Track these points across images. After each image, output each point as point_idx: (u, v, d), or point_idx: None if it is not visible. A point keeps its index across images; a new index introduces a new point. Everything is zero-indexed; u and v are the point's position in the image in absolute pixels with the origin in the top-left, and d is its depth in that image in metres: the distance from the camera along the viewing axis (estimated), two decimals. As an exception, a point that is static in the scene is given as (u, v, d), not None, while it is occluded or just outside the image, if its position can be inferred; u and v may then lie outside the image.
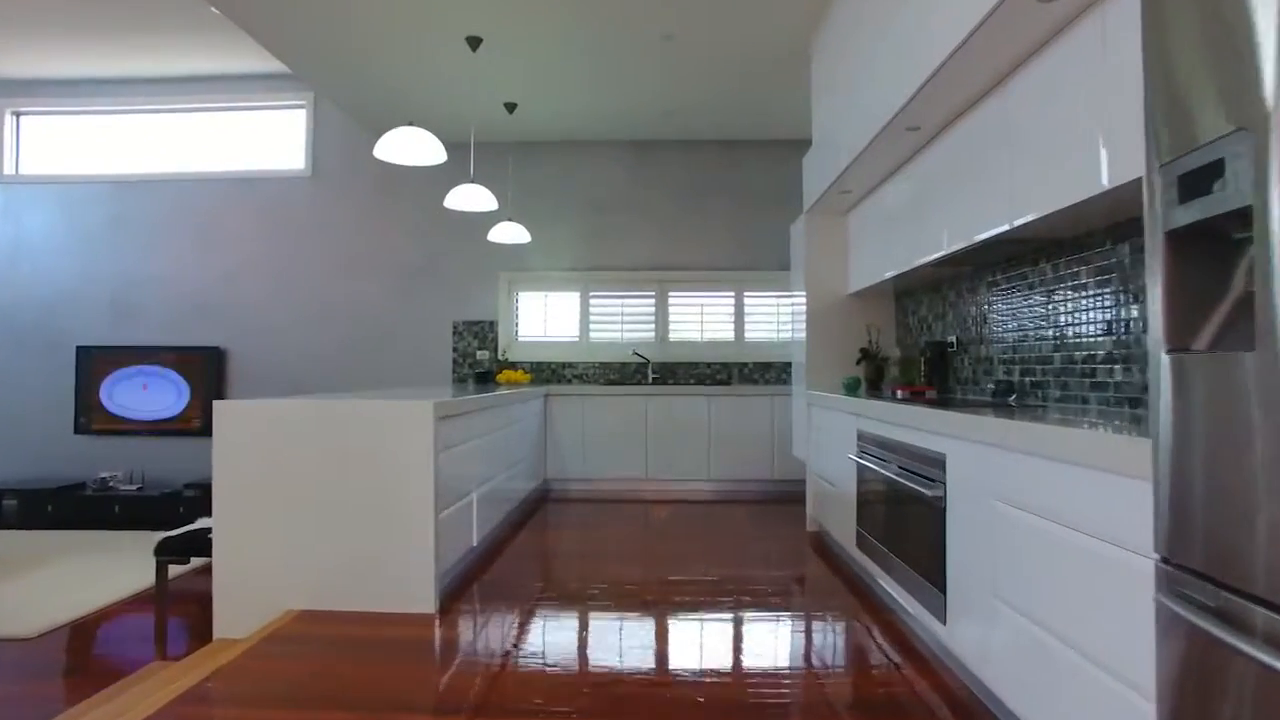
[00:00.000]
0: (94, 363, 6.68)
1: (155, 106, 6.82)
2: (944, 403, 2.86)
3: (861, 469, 3.26)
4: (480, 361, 6.59)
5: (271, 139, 6.81)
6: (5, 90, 6.86)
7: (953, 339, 3.64)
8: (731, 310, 6.58)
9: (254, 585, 2.93)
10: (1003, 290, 3.17)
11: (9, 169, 6.92)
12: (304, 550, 2.93)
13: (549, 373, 6.56)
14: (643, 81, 5.30)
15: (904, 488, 2.66)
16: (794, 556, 3.89)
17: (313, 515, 2.94)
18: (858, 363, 4.49)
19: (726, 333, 6.58)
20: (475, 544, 3.69)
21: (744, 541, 4.21)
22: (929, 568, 2.43)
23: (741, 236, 6.56)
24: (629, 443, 5.89)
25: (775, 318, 6.57)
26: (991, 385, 2.96)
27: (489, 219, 6.49)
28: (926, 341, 3.88)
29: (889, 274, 3.70)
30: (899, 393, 3.56)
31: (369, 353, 6.63)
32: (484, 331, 6.61)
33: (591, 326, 6.61)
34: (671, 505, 5.41)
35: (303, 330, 6.67)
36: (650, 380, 6.41)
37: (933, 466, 2.42)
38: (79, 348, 6.68)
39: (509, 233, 5.61)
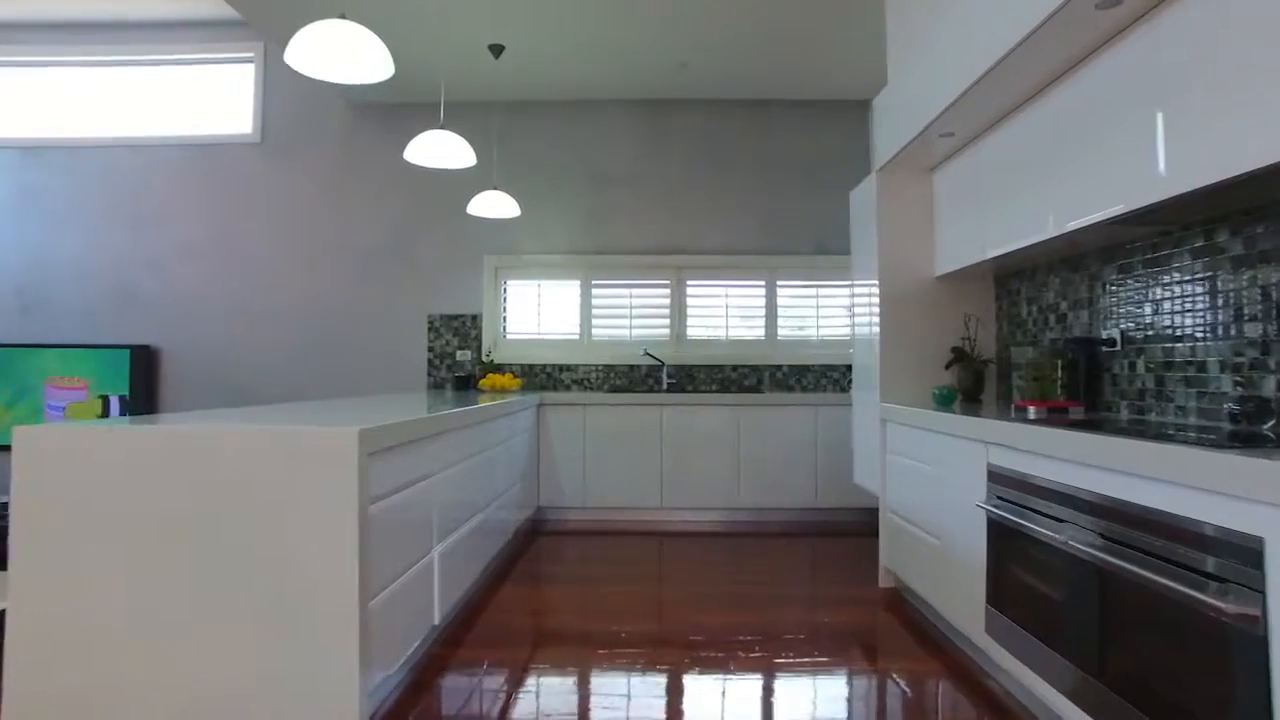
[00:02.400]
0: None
1: (73, 58, 5.73)
2: (1116, 428, 1.80)
3: (1001, 525, 2.20)
4: (460, 364, 5.51)
5: (214, 99, 5.72)
6: (-99, 42, 5.76)
7: (1114, 334, 2.57)
8: (762, 302, 5.51)
9: (72, 720, 1.85)
10: (1218, 260, 2.11)
11: (-94, 136, 5.82)
12: (151, 667, 1.86)
13: (543, 377, 5.49)
14: (654, 23, 4.24)
15: (1134, 579, 1.60)
16: (864, 626, 2.83)
17: (166, 610, 1.87)
18: (947, 366, 3.43)
19: (756, 329, 5.51)
20: (438, 621, 2.62)
21: (791, 594, 3.15)
22: (1211, 734, 1.36)
23: (773, 214, 5.49)
24: (639, 463, 4.82)
25: (815, 311, 5.50)
26: (1232, 405, 1.91)
27: (467, 187, 5.41)
28: (1066, 340, 2.81)
29: (1018, 245, 2.63)
30: (1031, 410, 2.50)
31: (328, 353, 5.55)
32: (465, 328, 5.53)
33: (594, 322, 5.54)
34: (692, 540, 4.35)
35: (249, 326, 5.58)
36: (665, 386, 5.34)
37: (1219, 554, 1.36)
38: (-16, 346, 5.58)
39: (493, 205, 4.54)
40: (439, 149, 3.36)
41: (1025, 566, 2.07)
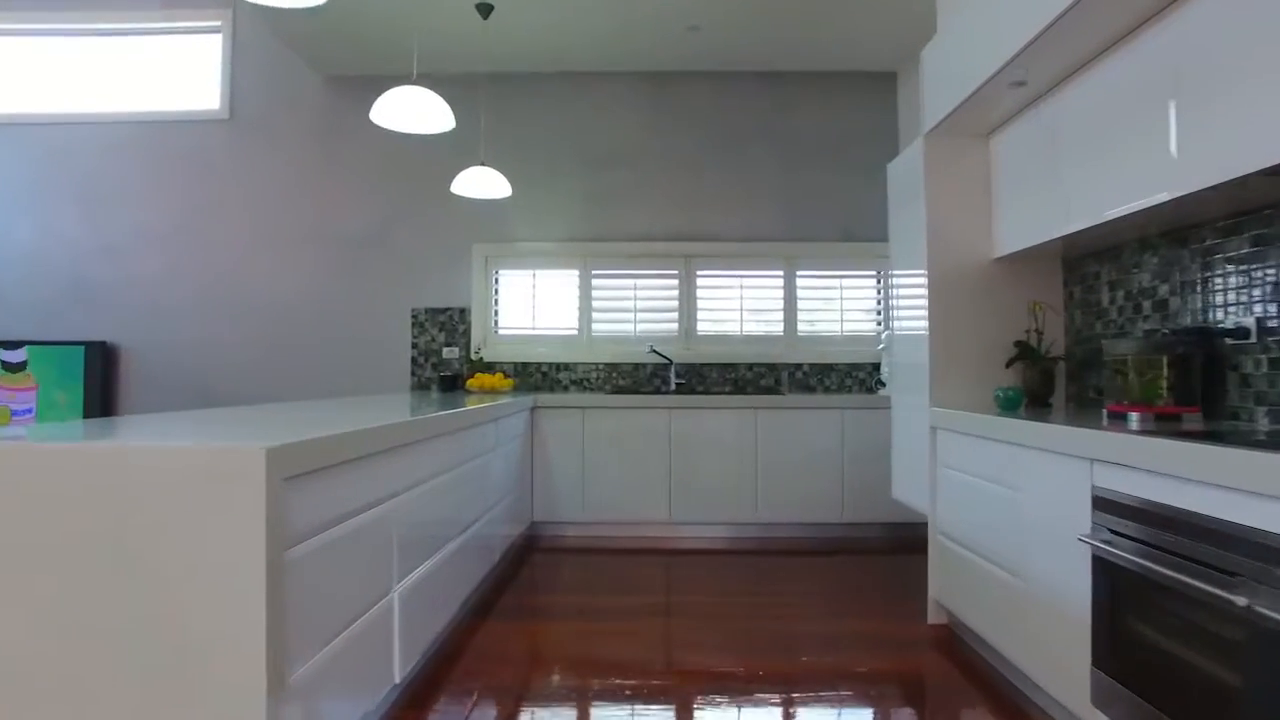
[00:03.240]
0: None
1: (22, 26, 5.23)
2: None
3: (1117, 568, 1.69)
4: (447, 362, 5.01)
5: (178, 72, 5.21)
6: None
7: (1246, 323, 2.05)
8: (780, 294, 5.00)
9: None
10: None
11: None
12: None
13: (538, 377, 4.98)
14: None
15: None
16: (914, 675, 2.32)
17: (22, 674, 1.36)
18: (1008, 364, 2.91)
19: (773, 324, 4.99)
20: (399, 678, 2.11)
21: (821, 632, 2.65)
22: None
23: (792, 198, 4.98)
24: (644, 472, 4.32)
25: (838, 304, 4.99)
26: None
27: (454, 168, 4.87)
28: (1174, 331, 2.30)
29: (1126, 209, 2.12)
30: (1134, 417, 1.99)
31: (303, 351, 5.05)
32: (453, 323, 5.02)
33: (595, 316, 5.03)
34: (703, 560, 3.84)
35: (217, 321, 5.08)
36: (673, 387, 4.83)
37: None
38: (-72, 343, 5.08)
39: (481, 183, 4.03)
40: (410, 108, 2.85)
41: (1161, 626, 1.56)
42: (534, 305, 5.07)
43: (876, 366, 4.86)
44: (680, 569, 3.74)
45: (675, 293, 4.99)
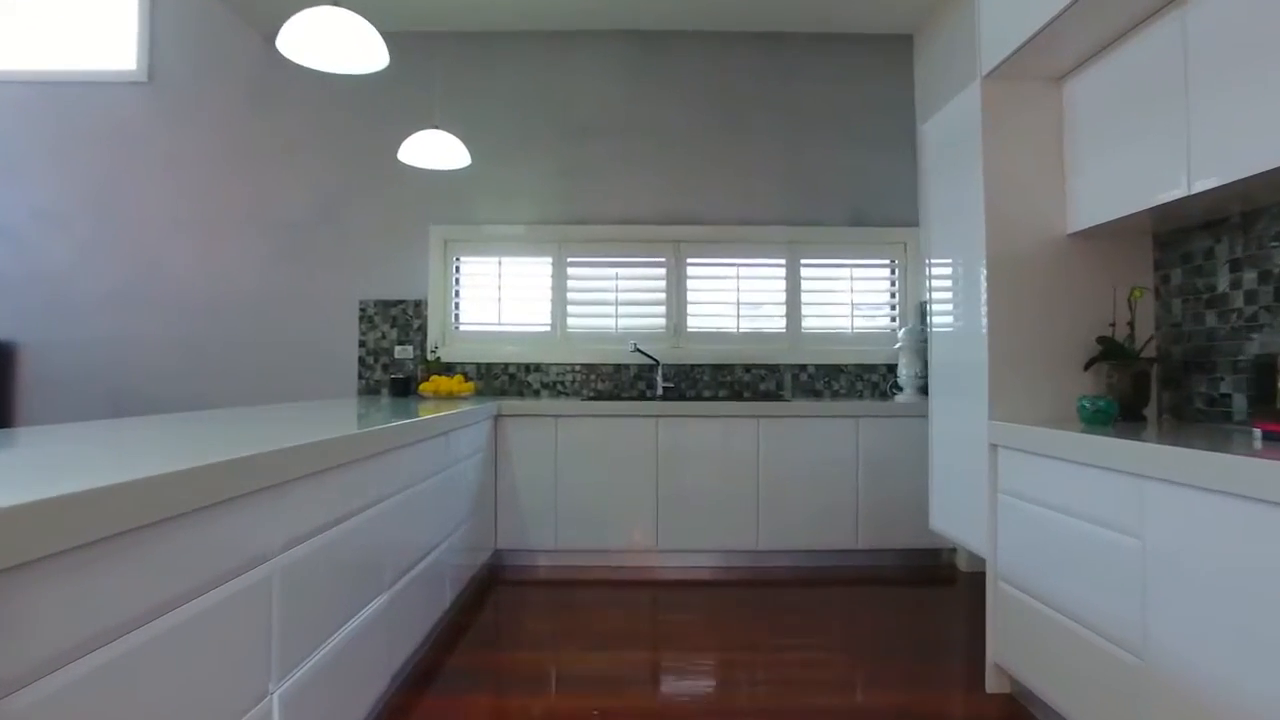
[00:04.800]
0: None
1: (-88, -23, 4.50)
2: None
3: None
4: (400, 363, 4.35)
5: (86, 26, 4.51)
6: None
7: None
8: (782, 285, 4.39)
9: None
10: None
11: None
12: None
13: (505, 380, 4.34)
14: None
15: None
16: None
17: None
18: (1088, 366, 2.32)
19: (774, 319, 4.38)
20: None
21: (848, 707, 2.05)
22: None
23: (795, 175, 4.37)
24: (628, 491, 3.69)
25: (848, 296, 4.39)
26: None
27: (403, 137, 4.17)
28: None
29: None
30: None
31: (236, 350, 4.37)
32: (406, 317, 4.36)
33: (570, 310, 4.39)
34: (695, 593, 3.23)
35: (135, 315, 4.38)
36: (660, 392, 4.21)
37: None
38: None
39: (434, 150, 3.39)
40: (330, 35, 2.19)
41: None
42: (500, 297, 4.42)
43: (892, 368, 4.27)
44: (669, 605, 3.11)
45: (663, 283, 4.37)
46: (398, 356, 4.34)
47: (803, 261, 4.37)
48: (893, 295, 4.38)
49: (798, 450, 3.68)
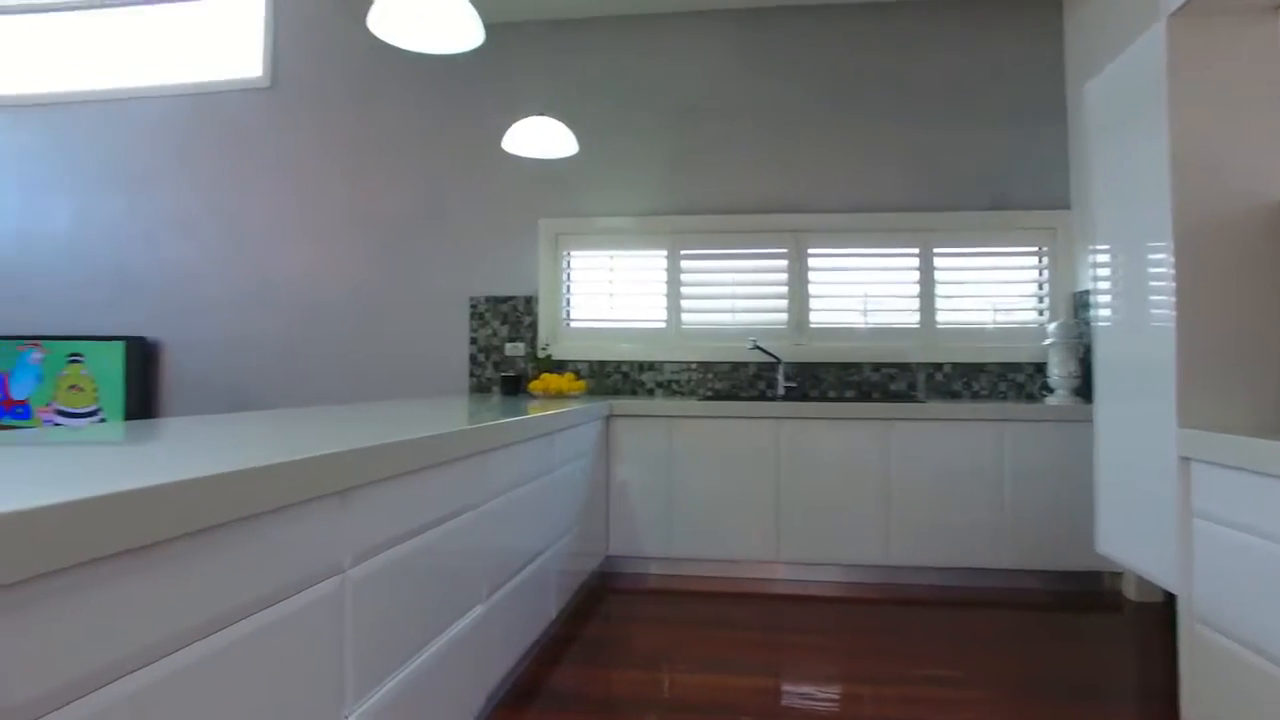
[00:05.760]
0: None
1: (60, 1, 4.80)
2: None
3: None
4: (511, 360, 4.27)
5: (220, 40, 4.67)
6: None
7: None
8: (914, 277, 4.03)
9: None
10: None
11: (-98, 101, 5.05)
12: None
13: (617, 379, 4.18)
14: None
15: None
16: None
17: None
18: (1306, 362, 1.91)
19: (906, 314, 4.03)
20: None
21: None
22: None
23: (927, 157, 4.01)
24: (747, 497, 3.45)
25: (989, 288, 3.98)
26: None
27: (501, 118, 4.03)
28: None
29: None
30: None
31: (350, 346, 4.41)
32: (517, 314, 4.28)
33: (684, 305, 4.19)
34: (819, 610, 2.95)
35: (256, 315, 4.50)
36: (781, 392, 3.94)
37: None
38: (-30, 340, 4.72)
39: (541, 137, 3.27)
40: (421, 10, 2.07)
41: None
42: (612, 292, 4.27)
43: (1040, 367, 3.84)
44: (791, 625, 2.85)
45: (783, 275, 4.10)
46: (508, 354, 4.26)
47: (936, 250, 3.99)
48: (1040, 286, 3.95)
49: (933, 456, 3.34)
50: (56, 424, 4.62)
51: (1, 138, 4.81)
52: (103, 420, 4.56)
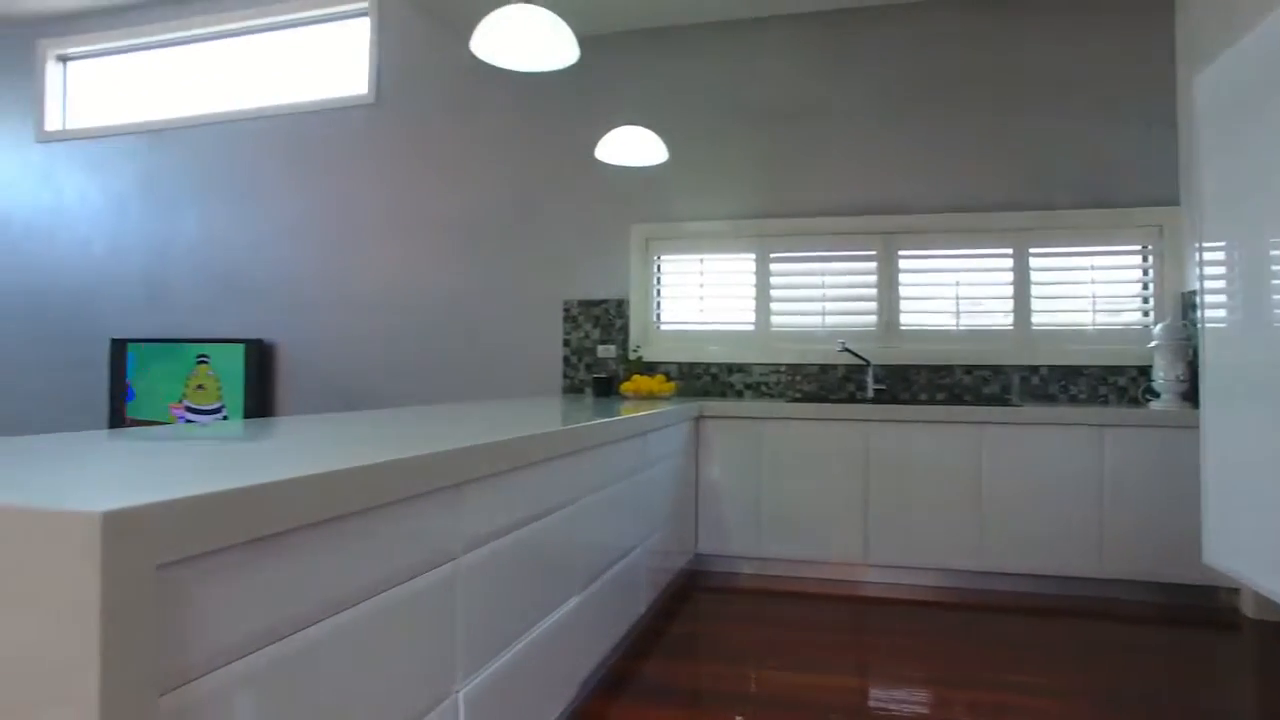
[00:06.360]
0: (130, 358, 5.13)
1: (201, 31, 5.19)
2: None
3: None
4: (603, 362, 4.39)
5: (330, 61, 4.98)
6: (48, 29, 5.51)
7: None
8: (1009, 277, 3.95)
9: None
10: None
11: (53, 124, 5.58)
12: None
13: (707, 380, 4.24)
14: None
15: None
16: None
17: None
18: None
19: (1000, 315, 3.96)
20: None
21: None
22: None
23: (1022, 154, 3.92)
24: (836, 499, 3.46)
25: (1088, 288, 3.87)
26: None
27: (591, 126, 4.16)
28: None
29: None
30: None
31: (447, 348, 4.62)
32: (609, 316, 4.39)
33: (773, 307, 4.22)
34: (908, 613, 2.94)
35: (361, 317, 4.77)
36: (871, 394, 3.93)
37: None
38: (113, 340, 5.16)
39: (631, 146, 3.37)
40: (520, 32, 2.20)
41: None
42: (701, 295, 4.34)
43: (1145, 370, 3.70)
44: (879, 628, 2.85)
45: (873, 278, 4.08)
46: (600, 356, 4.38)
47: (1031, 250, 3.90)
48: (1145, 286, 3.80)
49: (1028, 461, 3.28)
50: (187, 420, 5.01)
51: (142, 160, 5.25)
52: (225, 417, 4.92)
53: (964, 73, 3.99)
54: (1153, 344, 3.50)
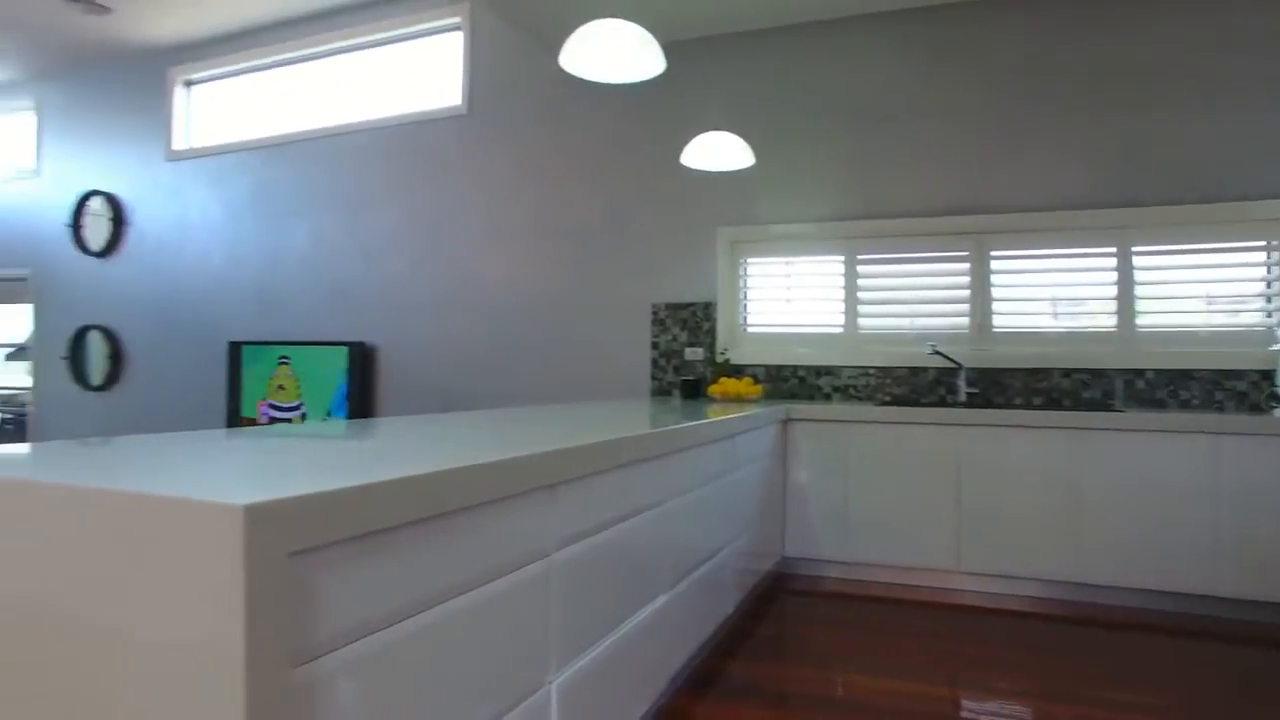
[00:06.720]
0: (244, 359, 5.49)
1: (309, 51, 5.50)
2: None
3: None
4: (690, 364, 4.43)
5: (424, 75, 5.20)
6: (176, 57, 5.95)
7: None
8: (1112, 277, 3.80)
9: None
10: None
11: (179, 144, 6.01)
12: None
13: (794, 383, 4.24)
14: None
15: None
16: None
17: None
18: None
19: (1102, 316, 3.81)
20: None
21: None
22: None
23: (1123, 148, 3.76)
24: (926, 505, 3.41)
25: (1200, 287, 3.68)
26: None
27: (685, 143, 4.18)
28: None
29: None
30: None
31: (539, 351, 4.75)
32: (696, 319, 4.44)
33: (861, 309, 4.18)
34: (1003, 623, 2.87)
35: (453, 321, 4.95)
36: (963, 398, 3.85)
37: None
38: (230, 343, 5.53)
39: (717, 152, 3.41)
40: (608, 46, 2.27)
41: None
42: (789, 297, 4.33)
43: (1268, 374, 3.50)
44: (971, 637, 2.80)
45: (964, 279, 3.99)
46: (688, 358, 4.42)
47: (1135, 249, 3.74)
48: (1268, 285, 3.60)
49: (1133, 469, 3.15)
50: (271, 419, 5.32)
51: (255, 175, 5.60)
52: (304, 415, 5.22)
53: (1062, 64, 3.85)
54: (1277, 347, 3.32)
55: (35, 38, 5.77)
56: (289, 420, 5.29)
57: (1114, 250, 3.78)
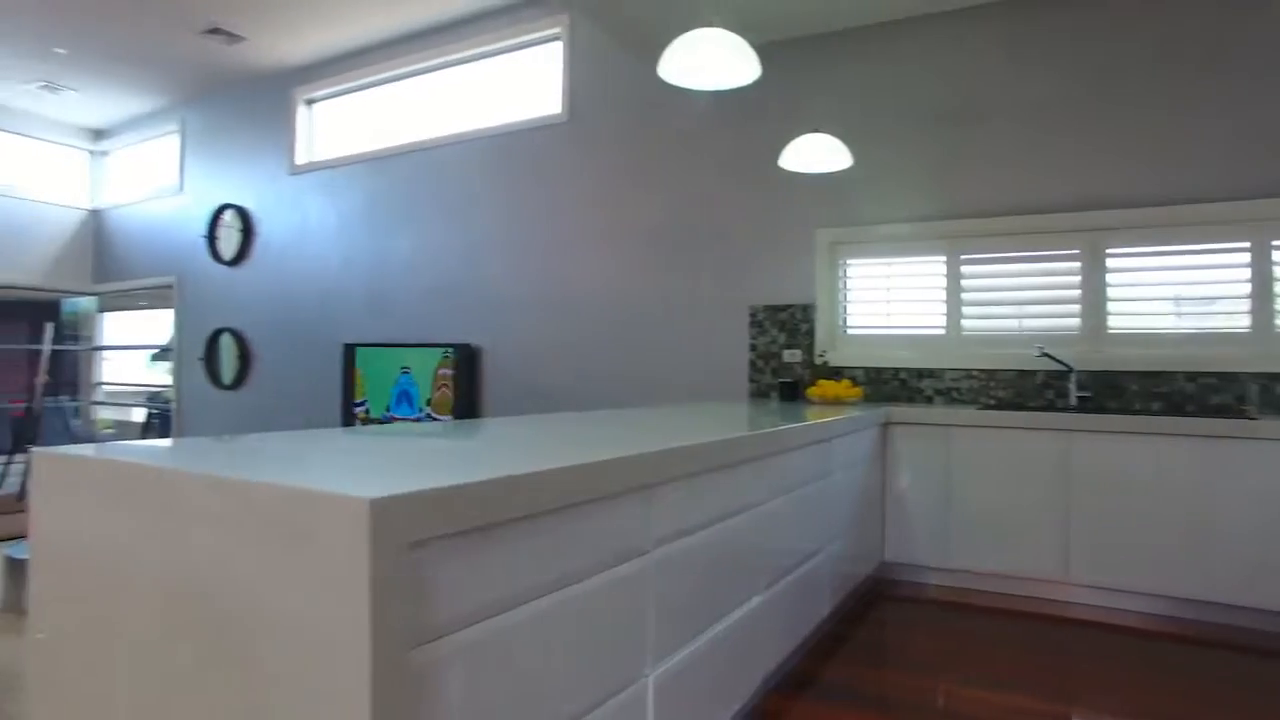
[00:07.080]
0: (358, 360, 5.81)
1: (417, 66, 5.77)
2: None
3: None
4: (788, 366, 4.42)
5: (526, 84, 5.37)
6: (299, 77, 6.35)
7: None
8: (1244, 275, 3.57)
9: None
10: None
11: (301, 158, 6.41)
12: None
13: (895, 385, 4.16)
14: None
15: None
16: None
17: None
18: None
19: (1233, 315, 3.59)
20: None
21: None
22: None
23: (1255, 135, 3.52)
24: (1033, 513, 3.30)
25: (1345, 286, 3.42)
26: None
27: (782, 144, 4.15)
28: None
29: None
30: None
31: (638, 353, 4.83)
32: (794, 321, 4.42)
33: (964, 310, 4.07)
34: (1116, 640, 2.74)
35: (553, 323, 5.09)
36: (1074, 402, 3.69)
37: None
38: (345, 345, 5.87)
39: (814, 153, 3.39)
40: (705, 55, 2.31)
41: None
42: (889, 299, 4.26)
43: None
44: (1081, 653, 2.70)
45: (1075, 278, 3.83)
46: (786, 360, 4.41)
47: (1273, 244, 3.50)
48: None
49: (1264, 482, 2.95)
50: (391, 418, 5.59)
51: (363, 186, 5.94)
52: (368, 412, 5.53)
53: (1184, 46, 3.63)
54: None
55: (179, 68, 6.29)
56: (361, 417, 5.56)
57: (1248, 245, 3.55)
